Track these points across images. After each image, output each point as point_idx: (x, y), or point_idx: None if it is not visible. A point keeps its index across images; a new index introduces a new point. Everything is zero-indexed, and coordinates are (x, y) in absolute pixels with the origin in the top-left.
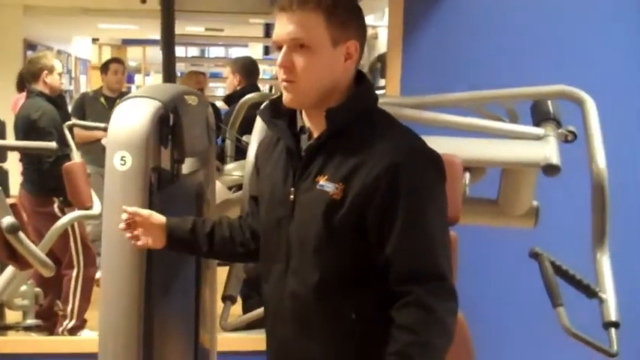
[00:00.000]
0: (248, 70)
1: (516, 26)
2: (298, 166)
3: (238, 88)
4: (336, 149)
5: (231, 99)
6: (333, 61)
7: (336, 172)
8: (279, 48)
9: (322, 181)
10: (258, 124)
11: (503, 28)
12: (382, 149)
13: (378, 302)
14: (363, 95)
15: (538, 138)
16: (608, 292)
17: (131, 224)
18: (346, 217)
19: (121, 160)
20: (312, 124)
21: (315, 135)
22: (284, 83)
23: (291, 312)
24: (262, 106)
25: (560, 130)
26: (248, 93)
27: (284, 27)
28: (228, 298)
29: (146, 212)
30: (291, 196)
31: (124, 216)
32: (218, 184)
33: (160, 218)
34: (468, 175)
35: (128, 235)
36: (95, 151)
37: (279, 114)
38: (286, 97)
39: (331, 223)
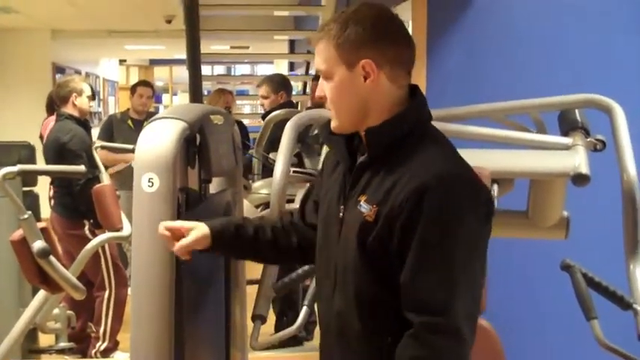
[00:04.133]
0: (287, 85)
1: (540, 36)
2: (348, 183)
3: (280, 103)
4: (380, 169)
5: None
6: (353, 84)
7: (373, 194)
8: None
9: (362, 202)
10: (285, 141)
11: (526, 39)
12: (414, 171)
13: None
14: (407, 114)
15: (566, 148)
16: None
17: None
18: (376, 240)
19: (149, 181)
20: (365, 143)
21: (367, 153)
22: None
23: (336, 329)
24: (323, 124)
25: (588, 139)
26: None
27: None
28: (257, 318)
29: (188, 225)
30: (341, 214)
31: (161, 228)
32: (245, 203)
33: (204, 229)
34: (496, 187)
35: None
36: (124, 175)
37: None
38: (332, 124)
39: (363, 244)
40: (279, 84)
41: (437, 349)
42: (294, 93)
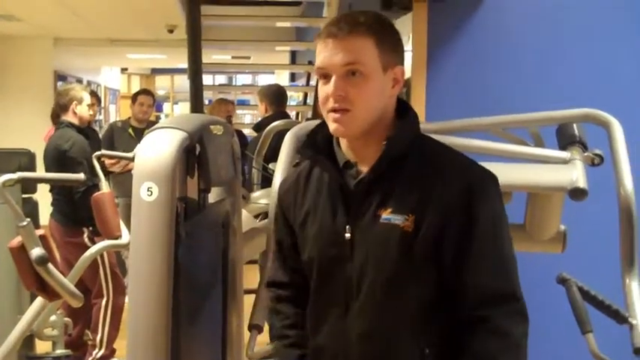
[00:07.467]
0: (274, 97)
1: (540, 49)
2: (351, 202)
3: (266, 115)
4: (395, 180)
5: (259, 127)
6: (383, 88)
7: (401, 204)
8: (324, 76)
9: (386, 215)
10: (284, 152)
11: (527, 51)
12: (449, 174)
13: (449, 334)
14: (414, 122)
15: (564, 162)
16: (639, 318)
17: None
18: (422, 248)
19: (148, 190)
20: (359, 157)
21: (364, 168)
22: (335, 114)
23: (360, 354)
24: (303, 143)
25: (586, 154)
26: (275, 120)
27: (333, 54)
28: (254, 327)
29: None
30: (347, 235)
31: None
32: (244, 213)
33: None
34: None
35: None
36: (125, 183)
37: (318, 149)
38: (338, 128)
39: (407, 255)
40: (263, 94)
41: (515, 334)
42: (293, 103)
